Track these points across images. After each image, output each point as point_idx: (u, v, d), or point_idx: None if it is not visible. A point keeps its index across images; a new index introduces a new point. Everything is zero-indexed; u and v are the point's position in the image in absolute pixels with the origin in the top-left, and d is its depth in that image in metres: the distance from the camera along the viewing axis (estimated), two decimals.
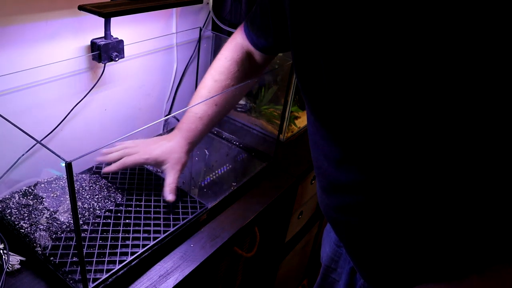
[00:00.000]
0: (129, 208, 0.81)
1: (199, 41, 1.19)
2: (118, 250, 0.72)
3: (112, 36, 0.90)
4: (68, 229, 0.75)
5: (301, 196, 1.18)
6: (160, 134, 1.07)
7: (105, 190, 0.86)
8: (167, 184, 0.79)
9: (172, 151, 0.80)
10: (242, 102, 1.22)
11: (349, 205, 0.61)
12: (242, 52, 0.82)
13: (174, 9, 1.07)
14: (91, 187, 0.86)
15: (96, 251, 0.71)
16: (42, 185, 0.84)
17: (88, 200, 0.82)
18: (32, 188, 0.83)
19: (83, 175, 0.89)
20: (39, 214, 0.77)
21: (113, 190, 0.86)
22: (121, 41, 0.91)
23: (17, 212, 0.77)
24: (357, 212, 0.60)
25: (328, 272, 0.83)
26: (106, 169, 0.79)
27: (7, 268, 0.67)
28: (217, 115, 0.84)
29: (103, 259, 0.70)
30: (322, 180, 0.66)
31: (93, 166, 0.92)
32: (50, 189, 0.84)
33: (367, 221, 0.59)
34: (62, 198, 0.82)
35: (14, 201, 0.79)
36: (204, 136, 0.86)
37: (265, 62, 0.85)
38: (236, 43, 0.82)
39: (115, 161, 0.79)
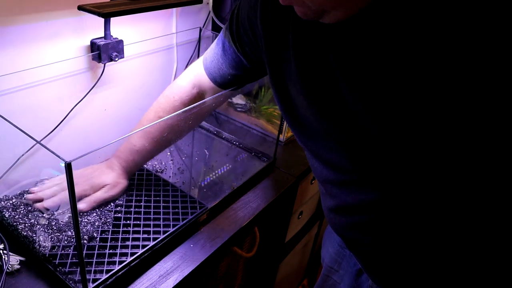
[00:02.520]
0: (129, 209, 0.81)
1: (199, 41, 1.19)
2: (118, 251, 0.72)
3: (112, 36, 0.90)
4: (67, 229, 0.75)
5: (301, 196, 1.18)
6: None
7: None
8: (93, 196, 0.78)
9: (112, 177, 0.80)
10: (242, 102, 1.22)
11: (358, 224, 0.61)
12: (192, 93, 0.81)
13: (174, 9, 1.07)
14: None
15: (96, 251, 0.71)
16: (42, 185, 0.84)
17: None
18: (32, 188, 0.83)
19: None
20: (39, 214, 0.77)
21: None
22: (121, 41, 0.91)
23: (17, 212, 0.76)
24: (367, 230, 0.60)
25: (329, 274, 0.83)
26: (39, 206, 0.75)
27: (7, 268, 0.67)
28: (156, 150, 0.84)
29: (103, 259, 0.70)
30: (328, 200, 0.66)
31: None
32: None
33: (378, 236, 0.60)
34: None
35: (14, 201, 0.79)
36: (141, 166, 0.88)
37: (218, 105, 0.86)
38: (189, 81, 0.81)
39: (48, 197, 0.77)
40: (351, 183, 0.58)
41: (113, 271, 0.68)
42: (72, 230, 0.74)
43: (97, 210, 0.79)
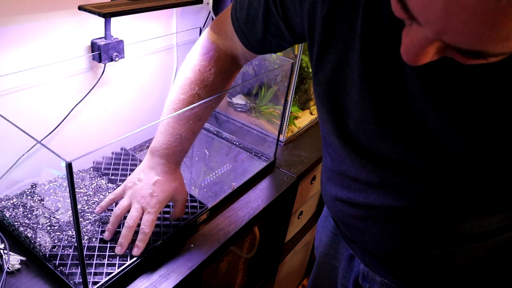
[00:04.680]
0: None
1: None
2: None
3: (112, 36, 0.90)
4: (68, 229, 0.75)
5: (301, 196, 1.18)
6: None
7: (106, 190, 0.86)
8: (178, 212, 0.78)
9: (171, 187, 0.75)
10: (242, 102, 1.22)
11: (370, 217, 0.61)
12: (226, 61, 0.74)
13: (174, 9, 1.07)
14: (91, 187, 0.86)
15: (96, 252, 0.71)
16: (42, 185, 0.84)
17: (87, 201, 0.82)
18: (32, 188, 0.83)
19: (83, 175, 0.89)
20: (39, 215, 0.77)
21: (114, 190, 0.86)
22: (121, 41, 0.91)
23: (17, 212, 0.77)
24: (379, 222, 0.60)
25: (327, 260, 0.83)
26: (137, 252, 0.71)
27: (7, 268, 0.67)
28: (200, 129, 0.78)
29: (103, 260, 0.70)
30: (338, 190, 0.65)
31: (93, 164, 0.92)
32: (50, 189, 0.84)
33: (389, 228, 0.60)
34: (62, 198, 0.82)
35: (15, 201, 0.79)
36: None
37: (246, 63, 0.80)
38: (220, 51, 0.74)
39: (129, 239, 0.72)
40: (379, 186, 0.57)
41: (114, 273, 0.68)
42: (72, 230, 0.74)
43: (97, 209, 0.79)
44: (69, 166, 0.52)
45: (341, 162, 0.62)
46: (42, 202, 0.80)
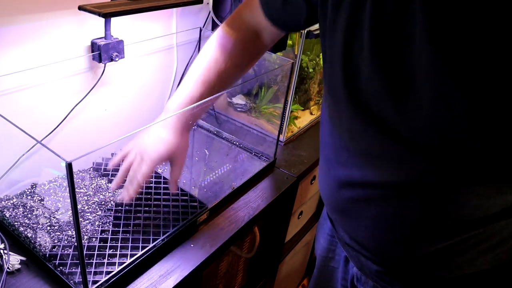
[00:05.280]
0: (130, 208, 0.81)
1: (199, 41, 1.19)
2: (118, 252, 0.72)
3: (112, 36, 0.90)
4: (68, 229, 0.75)
5: (301, 196, 1.18)
6: None
7: (106, 190, 0.86)
8: (173, 177, 0.77)
9: (174, 146, 0.74)
10: (242, 102, 1.22)
11: (371, 198, 0.60)
12: (249, 32, 0.78)
13: (174, 9, 1.07)
14: (91, 187, 0.86)
15: (96, 252, 0.71)
16: (42, 185, 0.84)
17: (87, 201, 0.82)
18: (32, 188, 0.83)
19: (83, 175, 0.89)
20: (39, 215, 0.77)
21: (113, 190, 0.86)
22: (121, 41, 0.91)
23: (17, 212, 0.77)
24: (379, 202, 0.59)
25: (326, 262, 0.84)
26: (125, 199, 0.73)
27: (7, 268, 0.67)
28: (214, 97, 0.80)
29: (103, 260, 0.70)
30: (339, 170, 0.64)
31: (93, 164, 0.92)
32: (50, 189, 0.84)
33: (382, 210, 0.59)
34: (62, 198, 0.82)
35: (15, 201, 0.79)
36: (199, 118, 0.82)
37: (271, 43, 0.82)
38: (243, 21, 0.78)
39: (123, 181, 0.74)
40: (378, 157, 0.56)
41: (114, 272, 0.68)
42: (72, 230, 0.74)
43: (98, 209, 0.79)
44: (69, 166, 0.52)
45: (342, 132, 0.61)
46: (42, 202, 0.80)
